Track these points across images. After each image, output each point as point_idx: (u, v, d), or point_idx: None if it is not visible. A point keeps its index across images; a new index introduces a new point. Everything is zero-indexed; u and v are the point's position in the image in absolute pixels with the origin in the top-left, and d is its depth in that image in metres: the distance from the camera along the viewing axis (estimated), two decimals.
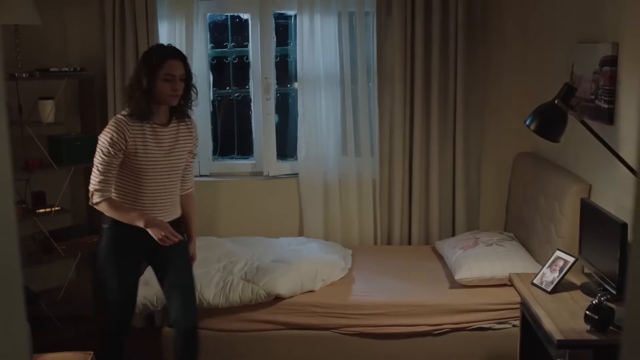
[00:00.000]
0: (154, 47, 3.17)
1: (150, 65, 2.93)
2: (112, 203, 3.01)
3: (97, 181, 2.98)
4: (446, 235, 4.56)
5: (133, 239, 3.06)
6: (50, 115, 4.21)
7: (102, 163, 2.96)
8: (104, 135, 2.97)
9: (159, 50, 3.04)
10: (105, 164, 2.95)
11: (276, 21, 4.71)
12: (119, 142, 2.93)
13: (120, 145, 2.93)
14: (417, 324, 3.63)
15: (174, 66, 2.96)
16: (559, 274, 3.11)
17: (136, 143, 2.96)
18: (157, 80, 2.93)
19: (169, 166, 3.09)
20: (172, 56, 2.98)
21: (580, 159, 3.64)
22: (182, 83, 3.00)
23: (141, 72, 2.95)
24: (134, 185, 3.03)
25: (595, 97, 3.28)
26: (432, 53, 4.39)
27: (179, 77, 2.98)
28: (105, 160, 2.95)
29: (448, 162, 4.53)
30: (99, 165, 2.96)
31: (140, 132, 2.98)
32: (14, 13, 4.01)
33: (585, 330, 2.64)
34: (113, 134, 2.94)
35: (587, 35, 3.51)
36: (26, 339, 1.00)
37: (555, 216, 3.64)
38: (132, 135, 2.96)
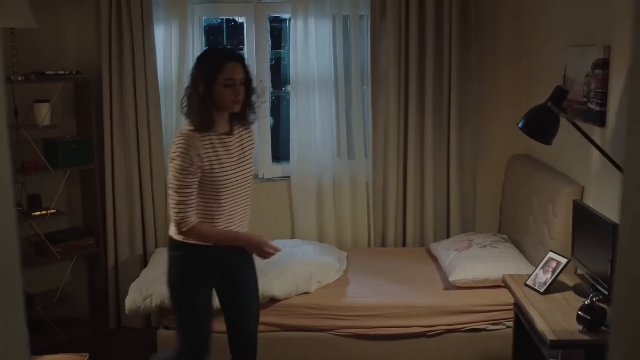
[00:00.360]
0: (208, 51, 2.97)
1: (207, 71, 2.70)
2: (202, 229, 2.76)
3: (181, 208, 2.70)
4: (440, 237, 4.59)
5: (207, 265, 2.86)
6: (46, 118, 4.23)
7: (181, 187, 2.68)
8: (176, 156, 2.69)
9: (215, 54, 2.83)
10: (185, 187, 2.68)
11: (271, 24, 4.74)
12: (195, 161, 2.68)
13: (197, 163, 2.68)
14: (411, 325, 3.65)
15: (233, 70, 2.73)
16: (551, 275, 3.14)
17: (210, 158, 2.73)
18: (216, 86, 2.70)
19: (241, 177, 2.87)
20: (231, 59, 2.75)
21: (572, 161, 3.67)
22: (242, 87, 2.77)
23: (198, 79, 2.71)
24: (209, 203, 2.78)
25: (587, 99, 3.32)
26: (426, 56, 4.42)
27: (240, 81, 2.75)
28: (185, 183, 2.68)
29: (442, 164, 4.55)
30: (178, 190, 2.69)
31: (210, 145, 2.74)
32: (10, 16, 4.02)
33: (578, 330, 2.67)
34: (187, 152, 2.68)
35: (580, 39, 3.55)
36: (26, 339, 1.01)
37: (548, 218, 3.67)
38: (205, 151, 2.72)
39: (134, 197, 4.50)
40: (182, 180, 2.68)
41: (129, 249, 4.55)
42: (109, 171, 4.46)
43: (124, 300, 3.85)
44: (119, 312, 4.54)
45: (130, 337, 4.41)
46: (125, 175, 4.50)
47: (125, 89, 4.41)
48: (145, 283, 3.79)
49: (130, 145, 4.44)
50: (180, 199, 2.69)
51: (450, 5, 4.36)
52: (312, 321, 3.68)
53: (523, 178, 4.19)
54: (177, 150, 2.69)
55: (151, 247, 4.56)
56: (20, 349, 0.98)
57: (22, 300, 1.00)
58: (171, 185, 2.71)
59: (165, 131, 4.55)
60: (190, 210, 2.71)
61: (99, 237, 4.50)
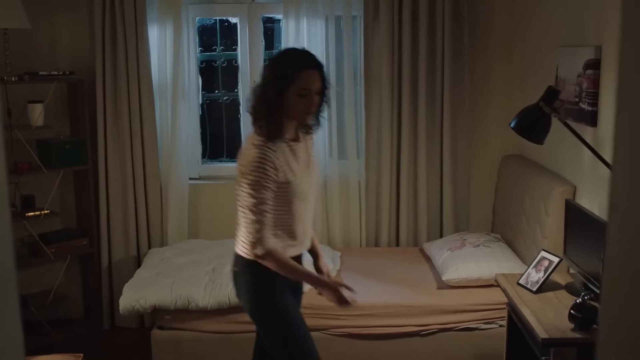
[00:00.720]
0: (286, 54, 2.63)
1: (282, 77, 2.46)
2: (279, 257, 2.51)
3: (257, 229, 2.45)
4: (434, 236, 4.60)
5: (282, 279, 2.58)
6: (39, 118, 4.22)
7: (257, 205, 2.44)
8: (251, 171, 2.44)
9: (293, 59, 2.54)
10: (262, 203, 2.44)
11: (265, 25, 4.75)
12: (271, 174, 2.45)
13: (272, 177, 2.46)
14: (405, 324, 3.67)
15: (310, 79, 2.49)
16: (544, 274, 3.15)
17: (283, 168, 2.50)
18: (289, 94, 2.47)
19: (310, 185, 2.66)
20: (310, 66, 2.50)
21: (565, 161, 3.69)
22: (317, 97, 2.53)
23: (270, 83, 2.47)
24: (284, 216, 2.56)
25: (579, 99, 3.34)
26: (419, 56, 4.43)
27: (315, 91, 2.51)
28: (261, 200, 2.44)
29: (435, 164, 4.57)
30: (254, 208, 2.44)
31: (282, 155, 2.52)
32: (3, 17, 4.01)
33: (570, 328, 2.69)
34: (262, 166, 2.43)
35: (571, 39, 3.57)
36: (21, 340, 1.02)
37: (540, 217, 3.69)
38: (278, 162, 2.48)
39: (128, 197, 4.50)
40: (258, 197, 2.43)
41: (123, 249, 4.55)
42: (102, 172, 4.46)
43: (117, 301, 3.85)
44: (112, 313, 4.54)
45: (125, 338, 4.41)
46: (119, 175, 4.50)
47: (119, 89, 4.41)
48: (139, 283, 3.80)
49: (124, 146, 4.45)
50: (256, 218, 2.44)
51: (443, 6, 4.38)
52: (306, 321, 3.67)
53: (516, 178, 4.21)
54: (252, 165, 2.43)
55: (144, 248, 4.56)
56: (15, 349, 0.99)
57: (17, 301, 1.00)
58: (245, 203, 2.46)
59: (160, 131, 4.56)
60: (267, 230, 2.46)
61: (93, 238, 4.50)
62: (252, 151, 2.48)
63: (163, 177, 4.58)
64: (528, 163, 4.20)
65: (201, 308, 3.65)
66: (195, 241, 4.49)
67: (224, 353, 3.69)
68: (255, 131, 2.54)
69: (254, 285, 2.61)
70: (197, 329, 3.70)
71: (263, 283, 2.60)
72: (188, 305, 3.64)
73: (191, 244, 4.41)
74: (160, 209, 4.59)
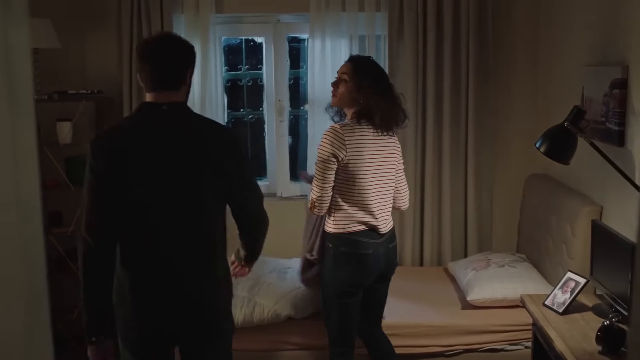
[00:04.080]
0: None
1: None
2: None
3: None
4: (458, 256, 4.57)
5: (374, 263, 3.08)
6: (68, 136, 4.29)
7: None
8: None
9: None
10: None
11: (290, 44, 4.79)
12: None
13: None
14: (429, 344, 3.64)
15: (341, 69, 3.11)
16: (570, 295, 3.12)
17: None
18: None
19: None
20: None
21: (591, 181, 3.66)
22: (344, 84, 3.03)
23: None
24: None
25: (605, 119, 3.31)
26: (444, 75, 4.44)
27: (342, 78, 3.05)
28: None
29: (460, 184, 4.55)
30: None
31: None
32: (34, 37, 4.09)
33: (597, 351, 2.65)
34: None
35: (598, 58, 3.55)
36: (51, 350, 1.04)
37: (566, 238, 3.65)
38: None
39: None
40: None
41: None
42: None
43: None
44: None
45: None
46: None
47: None
48: None
49: None
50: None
51: (467, 25, 4.39)
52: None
53: (541, 198, 4.18)
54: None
55: None
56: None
57: (49, 322, 1.02)
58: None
59: None
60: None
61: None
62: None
63: None
64: (553, 183, 4.17)
65: None
66: None
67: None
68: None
69: (336, 259, 3.10)
70: None
71: (349, 261, 3.09)
72: None
73: None
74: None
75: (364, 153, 2.98)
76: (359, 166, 2.97)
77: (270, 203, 4.74)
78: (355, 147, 2.96)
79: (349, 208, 3.00)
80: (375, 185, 3.03)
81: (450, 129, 4.48)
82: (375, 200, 3.03)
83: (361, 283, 3.09)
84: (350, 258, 3.02)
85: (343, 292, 3.07)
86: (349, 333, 3.18)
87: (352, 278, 3.05)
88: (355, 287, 3.08)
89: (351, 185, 2.99)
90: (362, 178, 2.99)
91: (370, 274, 3.08)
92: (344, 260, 3.03)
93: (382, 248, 3.07)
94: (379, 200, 3.05)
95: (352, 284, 3.06)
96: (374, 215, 3.03)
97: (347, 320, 3.14)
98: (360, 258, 3.02)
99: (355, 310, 3.15)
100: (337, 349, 3.21)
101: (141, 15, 4.41)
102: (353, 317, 3.16)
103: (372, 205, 3.02)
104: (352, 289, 3.08)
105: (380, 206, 3.06)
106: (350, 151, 2.95)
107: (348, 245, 3.01)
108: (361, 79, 2.99)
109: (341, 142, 2.94)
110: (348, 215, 3.01)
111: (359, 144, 2.98)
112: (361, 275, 3.06)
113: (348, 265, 3.03)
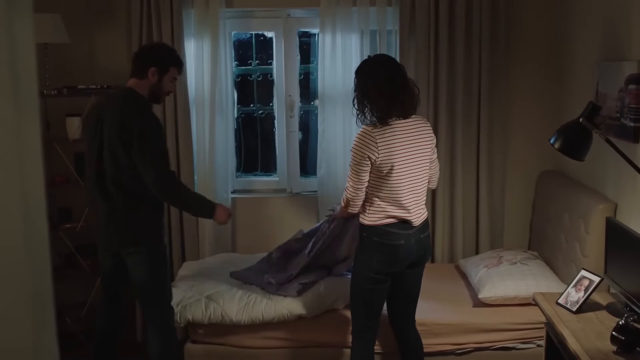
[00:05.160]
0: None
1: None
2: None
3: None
4: (470, 253, 4.54)
5: (405, 252, 3.11)
6: (77, 131, 4.27)
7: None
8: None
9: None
10: None
11: (300, 39, 4.75)
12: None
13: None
14: (440, 342, 3.61)
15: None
16: (584, 293, 3.08)
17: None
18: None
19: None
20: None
21: (605, 178, 3.61)
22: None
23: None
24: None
25: (620, 115, 3.27)
26: (456, 71, 4.39)
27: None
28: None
29: (472, 180, 4.51)
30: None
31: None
32: (43, 32, 4.08)
33: (612, 351, 2.61)
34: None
35: (613, 54, 3.50)
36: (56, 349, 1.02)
37: (580, 235, 3.60)
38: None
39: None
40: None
41: None
42: None
43: None
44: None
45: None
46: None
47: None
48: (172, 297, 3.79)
49: None
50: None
51: (480, 21, 4.34)
52: (340, 337, 3.65)
53: (554, 194, 4.13)
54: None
55: (179, 261, 4.57)
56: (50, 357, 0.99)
57: (54, 321, 1.01)
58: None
59: (196, 146, 4.57)
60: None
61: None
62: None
63: (198, 190, 4.59)
64: (566, 179, 4.12)
65: (235, 323, 3.63)
66: (229, 255, 4.48)
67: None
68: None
69: (368, 249, 3.19)
70: (231, 343, 3.69)
71: (380, 251, 3.17)
72: (222, 319, 3.63)
73: (225, 258, 4.40)
74: (195, 223, 4.60)
75: (396, 151, 3.00)
76: (392, 165, 2.99)
77: (280, 199, 4.77)
78: (388, 146, 2.98)
79: (382, 203, 3.05)
80: (409, 180, 3.06)
81: (462, 125, 4.43)
82: (408, 195, 3.07)
83: (391, 271, 3.14)
84: (382, 247, 3.08)
85: (372, 278, 3.13)
86: (373, 321, 3.25)
87: (383, 266, 3.10)
88: (385, 274, 3.13)
89: (384, 182, 3.02)
90: (394, 175, 3.01)
91: (401, 263, 3.13)
92: (376, 249, 3.09)
93: (413, 238, 3.12)
94: (413, 195, 3.09)
95: (381, 271, 3.11)
96: (407, 210, 3.07)
97: (374, 306, 3.21)
98: (392, 248, 3.08)
99: (382, 297, 3.23)
100: (361, 335, 3.26)
101: (151, 10, 4.38)
102: (380, 303, 3.23)
103: (405, 200, 3.06)
104: (381, 276, 3.13)
105: (413, 200, 3.09)
106: (382, 151, 2.97)
107: (381, 235, 3.07)
108: (363, 88, 3.08)
109: (373, 144, 2.97)
110: (381, 210, 3.06)
111: (391, 142, 2.99)
112: (392, 264, 3.11)
113: (380, 254, 3.09)
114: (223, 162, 4.60)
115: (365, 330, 3.26)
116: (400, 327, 3.40)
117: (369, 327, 3.25)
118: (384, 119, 3.01)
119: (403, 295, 3.31)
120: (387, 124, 3.01)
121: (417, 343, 3.40)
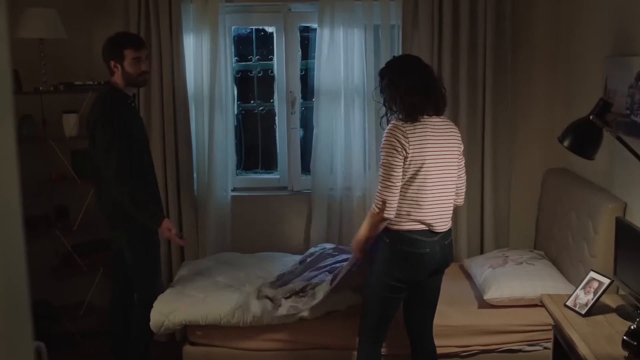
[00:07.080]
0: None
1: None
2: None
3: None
4: (474, 253, 4.45)
5: (429, 261, 3.04)
6: (74, 129, 4.19)
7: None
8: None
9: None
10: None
11: (301, 34, 4.66)
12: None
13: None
14: (445, 345, 3.52)
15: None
16: (593, 296, 2.99)
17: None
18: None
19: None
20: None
21: (614, 176, 3.52)
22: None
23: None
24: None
25: (630, 112, 3.18)
26: (460, 67, 4.30)
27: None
28: None
29: (477, 178, 4.42)
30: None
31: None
32: (40, 27, 4.00)
33: (624, 357, 2.52)
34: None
35: (622, 48, 3.41)
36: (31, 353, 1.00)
37: (588, 235, 3.52)
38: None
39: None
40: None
41: None
42: None
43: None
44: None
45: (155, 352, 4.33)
46: None
47: (153, 99, 4.37)
48: (170, 297, 3.72)
49: (158, 156, 4.37)
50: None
51: (485, 16, 4.24)
52: (343, 340, 3.57)
53: (561, 192, 4.04)
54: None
55: (177, 260, 4.50)
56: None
57: (30, 324, 0.98)
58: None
59: (195, 143, 4.48)
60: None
61: None
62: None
63: (198, 189, 4.52)
64: (574, 177, 4.03)
65: (233, 324, 3.55)
66: (228, 254, 4.40)
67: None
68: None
69: (390, 252, 3.11)
70: (229, 345, 3.61)
71: (401, 257, 3.10)
72: (219, 321, 3.55)
73: (224, 257, 4.32)
74: (195, 222, 4.52)
75: (427, 148, 2.95)
76: (422, 162, 2.93)
77: (281, 197, 4.69)
78: (419, 141, 2.93)
79: (407, 207, 2.97)
80: (435, 183, 2.99)
81: (467, 122, 4.35)
82: (434, 200, 2.99)
83: (413, 280, 3.08)
84: (406, 256, 3.01)
85: (392, 286, 3.06)
86: (384, 326, 3.19)
87: (405, 275, 3.04)
88: (406, 283, 3.07)
89: (410, 184, 2.95)
90: (421, 176, 2.94)
91: (425, 271, 3.07)
92: (400, 258, 3.01)
93: (437, 246, 3.04)
94: (438, 200, 3.01)
95: (402, 280, 3.05)
96: (432, 215, 2.99)
97: (388, 313, 3.15)
98: (417, 257, 3.00)
99: (396, 306, 3.17)
100: (370, 338, 3.21)
101: (149, 4, 4.30)
102: (394, 310, 3.17)
103: (429, 204, 2.98)
104: (402, 285, 3.07)
105: (439, 206, 3.01)
106: (413, 145, 2.91)
107: (406, 243, 2.99)
108: (395, 86, 3.03)
109: (404, 137, 2.91)
110: (405, 213, 2.97)
111: (422, 138, 2.94)
112: (415, 273, 3.05)
113: (404, 262, 3.02)
114: (223, 160, 4.51)
115: (374, 335, 3.20)
116: (418, 333, 3.32)
117: (379, 332, 3.20)
118: (415, 115, 2.95)
119: (423, 301, 3.24)
120: (417, 120, 2.96)
121: (433, 354, 3.33)
